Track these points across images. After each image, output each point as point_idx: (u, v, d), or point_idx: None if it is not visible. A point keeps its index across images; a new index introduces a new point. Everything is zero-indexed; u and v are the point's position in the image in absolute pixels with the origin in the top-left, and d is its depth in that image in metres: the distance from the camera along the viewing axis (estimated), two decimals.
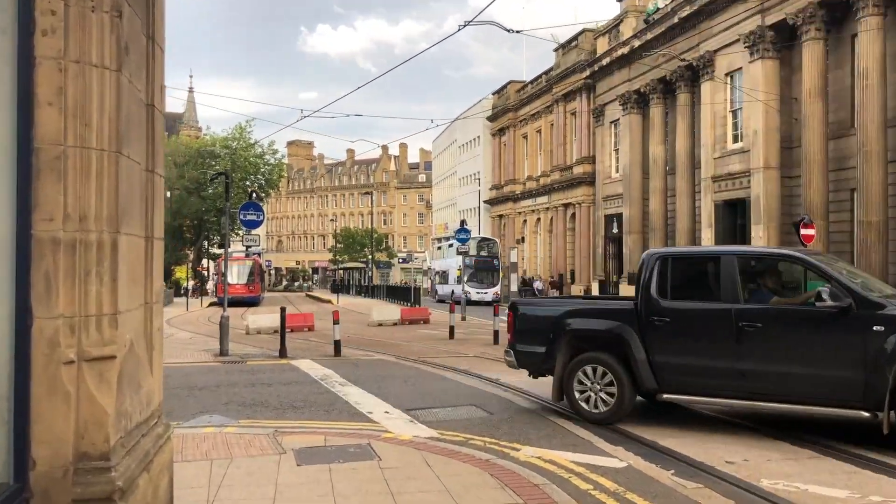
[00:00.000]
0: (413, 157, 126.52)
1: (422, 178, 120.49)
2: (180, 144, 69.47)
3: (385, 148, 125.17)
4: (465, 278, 48.87)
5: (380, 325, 26.28)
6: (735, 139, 31.62)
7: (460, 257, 50.40)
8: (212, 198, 66.17)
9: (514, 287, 48.06)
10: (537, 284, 44.25)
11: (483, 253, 49.29)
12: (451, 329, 20.15)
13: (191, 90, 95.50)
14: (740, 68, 30.43)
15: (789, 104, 28.96)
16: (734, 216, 32.12)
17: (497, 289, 48.04)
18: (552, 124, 52.51)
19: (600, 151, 44.11)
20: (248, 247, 16.25)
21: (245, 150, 66.56)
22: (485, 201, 63.97)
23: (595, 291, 43.82)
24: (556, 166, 50.49)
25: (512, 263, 48.66)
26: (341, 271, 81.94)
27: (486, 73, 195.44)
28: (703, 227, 33.04)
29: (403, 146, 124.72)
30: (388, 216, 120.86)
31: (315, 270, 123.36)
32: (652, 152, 37.82)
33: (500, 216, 62.56)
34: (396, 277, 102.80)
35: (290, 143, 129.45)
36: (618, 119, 41.86)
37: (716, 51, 31.91)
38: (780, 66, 29.03)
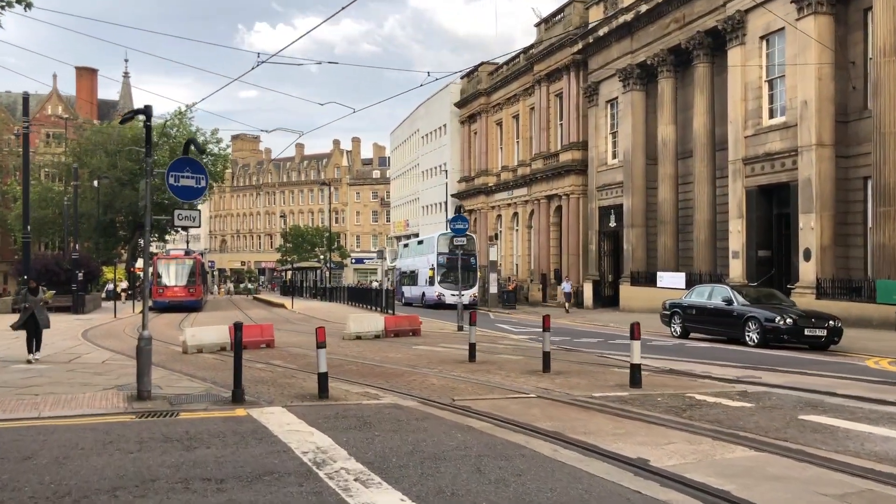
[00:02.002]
0: (366, 152, 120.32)
1: (376, 174, 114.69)
2: (112, 131, 62.05)
3: (337, 142, 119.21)
4: (439, 278, 43.44)
5: (358, 338, 20.58)
6: (773, 113, 26.89)
7: (432, 255, 44.93)
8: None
9: (493, 288, 42.77)
10: (565, 287, 37.07)
11: (458, 250, 43.70)
12: (472, 348, 14.54)
13: (126, 75, 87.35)
14: (781, 29, 25.72)
15: (844, 70, 24.34)
16: (770, 204, 27.42)
17: (474, 290, 42.58)
18: (532, 108, 47.42)
19: (593, 135, 39.14)
20: (184, 228, 10.33)
21: (185, 136, 59.74)
22: (453, 195, 58.49)
23: (588, 293, 38.81)
24: (539, 154, 45.39)
25: (491, 262, 43.35)
26: (291, 272, 75.44)
27: (424, 77, 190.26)
28: (732, 218, 28.23)
29: (356, 140, 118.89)
30: (340, 214, 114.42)
31: (262, 271, 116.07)
32: (660, 134, 32.99)
33: (471, 211, 57.15)
34: (349, 278, 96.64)
35: (234, 138, 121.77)
36: (616, 98, 36.96)
37: (748, 10, 27.16)
38: (835, 24, 24.38)
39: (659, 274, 32.10)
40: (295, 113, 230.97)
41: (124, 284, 55.80)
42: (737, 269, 27.86)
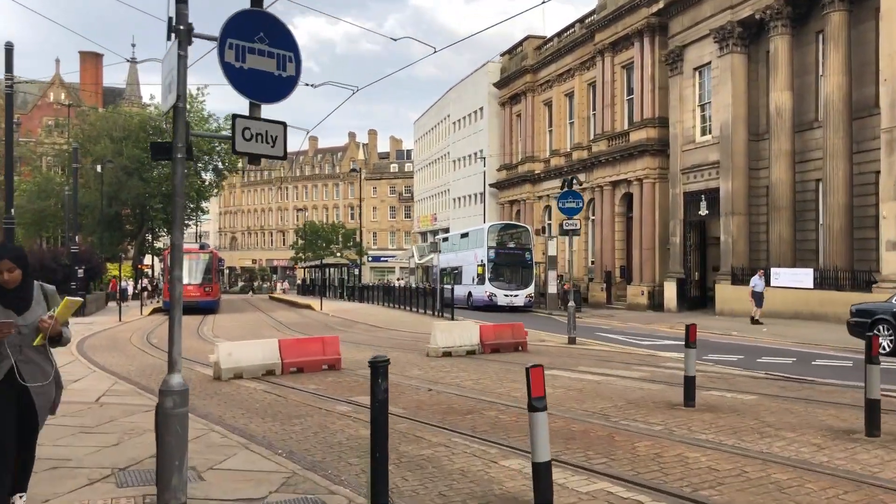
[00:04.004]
0: (382, 146, 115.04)
1: (393, 167, 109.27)
2: (118, 116, 56.80)
3: (352, 135, 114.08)
4: (490, 276, 37.97)
5: (446, 354, 15.14)
6: None
7: (481, 250, 39.21)
8: (157, 180, 53.92)
9: (552, 288, 37.27)
10: (757, 285, 25.20)
11: (511, 244, 38.30)
12: (690, 383, 9.06)
13: (133, 60, 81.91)
14: None
15: None
16: None
17: (530, 290, 37.10)
18: (591, 83, 41.89)
19: (677, 109, 33.54)
20: (253, 159, 4.93)
21: (197, 124, 54.24)
22: (491, 185, 53.01)
23: (670, 293, 33.17)
24: (602, 135, 39.81)
25: (550, 258, 37.84)
26: (316, 269, 70.00)
27: (428, 75, 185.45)
28: (884, 201, 22.67)
29: (373, 132, 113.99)
30: (355, 210, 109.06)
31: (274, 269, 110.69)
32: (773, 101, 27.43)
33: (513, 202, 51.67)
34: (366, 277, 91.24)
35: None
36: (707, 64, 31.39)
37: None
38: None
39: (773, 270, 26.59)
40: (301, 112, 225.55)
41: (144, 283, 50.45)
42: (893, 263, 22.33)
